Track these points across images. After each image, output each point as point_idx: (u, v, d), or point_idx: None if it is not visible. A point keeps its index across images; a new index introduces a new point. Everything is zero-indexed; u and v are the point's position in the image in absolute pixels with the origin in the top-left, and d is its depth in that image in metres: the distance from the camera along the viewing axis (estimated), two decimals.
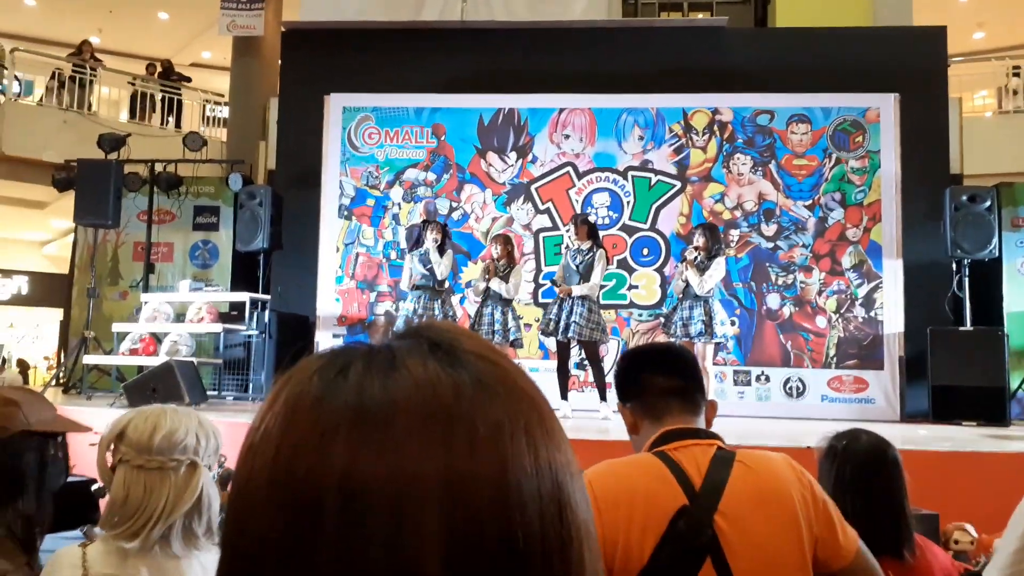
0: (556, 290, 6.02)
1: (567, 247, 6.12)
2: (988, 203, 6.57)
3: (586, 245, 5.88)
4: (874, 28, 7.82)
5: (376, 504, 0.37)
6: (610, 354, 6.69)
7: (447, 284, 6.21)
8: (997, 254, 6.73)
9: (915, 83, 7.14)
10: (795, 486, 1.31)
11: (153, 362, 6.19)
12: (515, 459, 0.40)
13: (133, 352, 6.60)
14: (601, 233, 6.31)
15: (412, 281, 6.10)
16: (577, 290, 5.74)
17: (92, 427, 1.63)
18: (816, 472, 1.71)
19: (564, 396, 5.81)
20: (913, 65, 7.27)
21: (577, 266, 5.83)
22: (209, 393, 6.24)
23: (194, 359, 6.31)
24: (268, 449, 0.41)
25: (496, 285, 5.87)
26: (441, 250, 5.99)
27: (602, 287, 6.12)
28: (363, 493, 0.38)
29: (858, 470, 1.69)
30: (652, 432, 1.38)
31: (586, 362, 6.14)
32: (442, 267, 5.95)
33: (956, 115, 7.92)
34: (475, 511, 0.38)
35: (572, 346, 5.90)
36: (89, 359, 6.99)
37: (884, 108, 7.03)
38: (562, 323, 5.72)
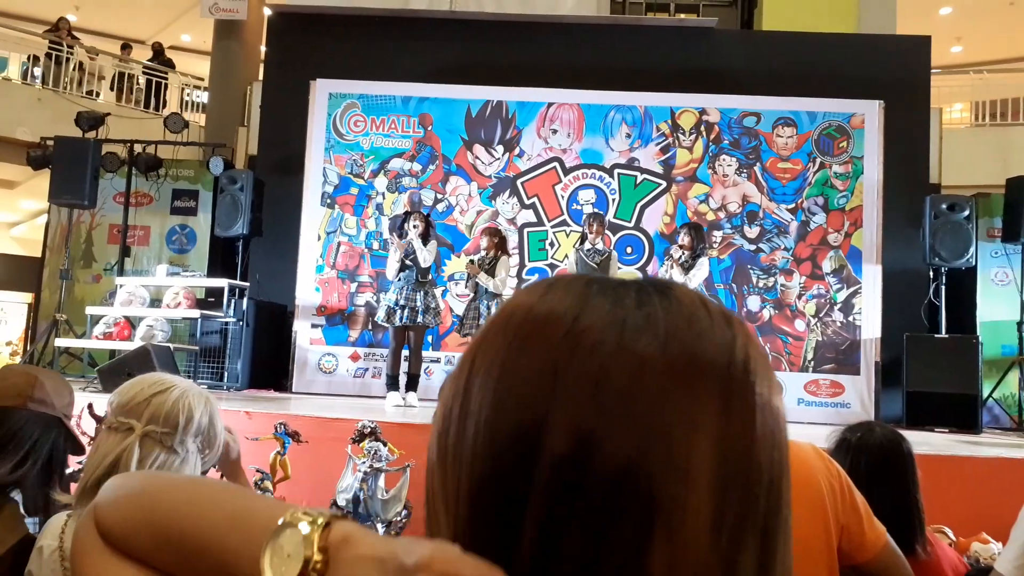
0: None
1: (577, 246, 6.11)
2: (967, 212, 6.66)
3: (601, 245, 5.93)
4: (859, 35, 7.90)
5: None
6: None
7: (430, 275, 6.15)
8: (974, 263, 6.84)
9: (898, 91, 7.22)
10: (823, 474, 1.29)
11: (127, 347, 6.06)
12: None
13: (107, 336, 6.46)
14: None
15: (396, 271, 6.03)
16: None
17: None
18: None
19: None
20: (897, 73, 7.35)
21: (596, 264, 5.86)
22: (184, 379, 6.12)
23: (170, 345, 6.20)
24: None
25: (483, 280, 5.86)
26: (424, 240, 5.93)
27: None
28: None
29: (873, 463, 1.67)
30: None
31: None
32: (425, 254, 5.89)
33: (936, 125, 8.03)
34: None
35: None
36: (61, 342, 6.83)
37: (869, 114, 7.11)
38: None
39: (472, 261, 6.04)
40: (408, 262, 5.90)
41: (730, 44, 7.90)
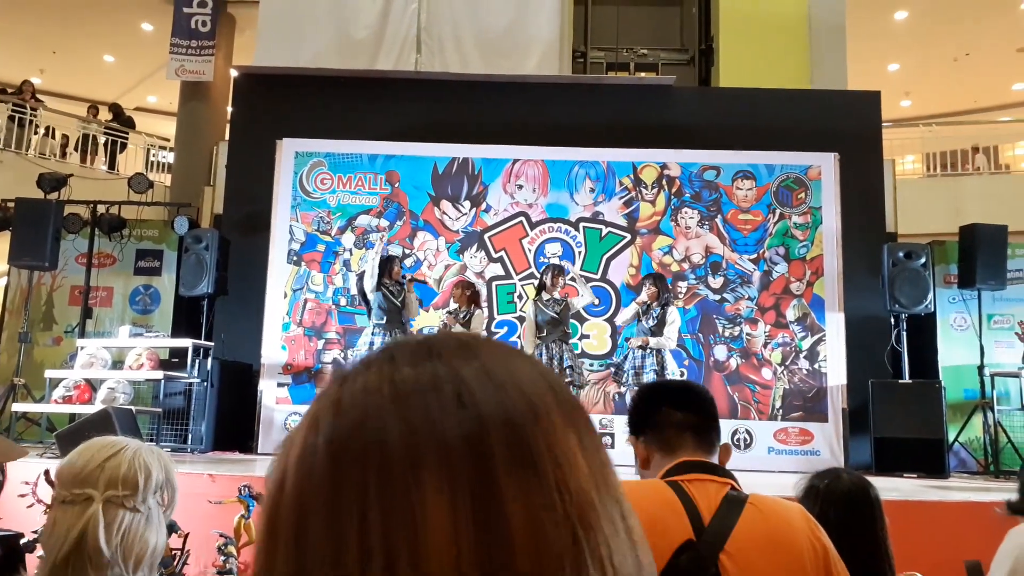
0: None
1: (536, 297, 6.25)
2: (923, 260, 6.84)
3: (559, 295, 6.08)
4: (813, 91, 8.19)
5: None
6: None
7: (409, 325, 6.22)
8: (933, 309, 6.99)
9: (852, 144, 7.46)
10: (807, 536, 1.29)
11: (87, 410, 5.91)
12: None
13: (67, 400, 6.30)
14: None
15: (373, 317, 6.10)
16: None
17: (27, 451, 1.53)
18: None
19: None
20: (850, 126, 7.60)
21: (556, 314, 6.00)
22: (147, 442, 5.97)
23: (132, 407, 6.06)
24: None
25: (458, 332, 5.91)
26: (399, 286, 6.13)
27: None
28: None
29: (842, 509, 1.68)
30: (664, 465, 1.36)
31: None
32: (412, 304, 6.09)
33: (890, 176, 8.29)
34: None
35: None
36: (18, 407, 6.64)
37: (825, 166, 7.31)
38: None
39: (449, 313, 6.06)
40: (386, 306, 5.97)
41: (689, 101, 8.13)
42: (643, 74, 9.20)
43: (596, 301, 6.60)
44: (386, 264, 6.22)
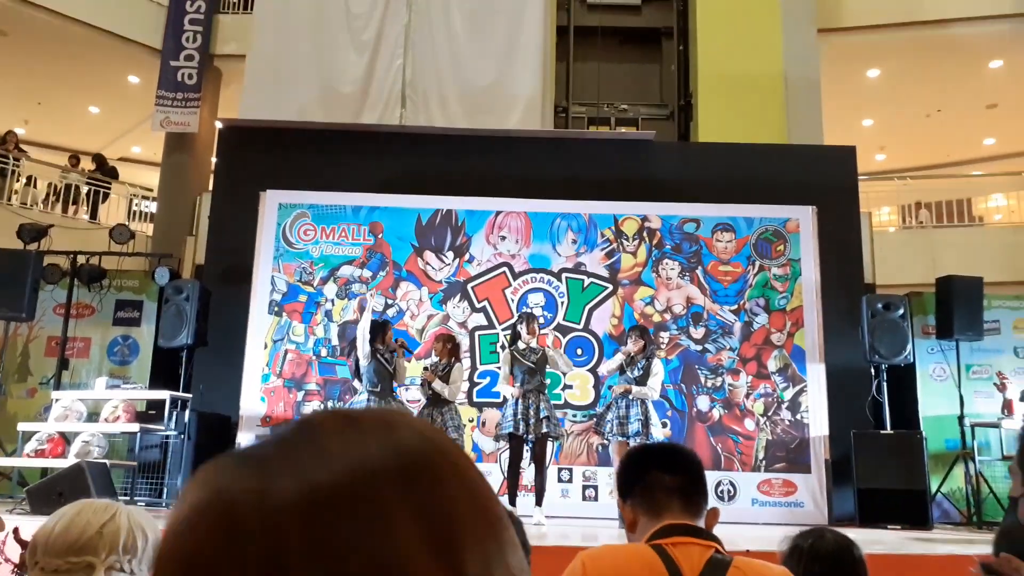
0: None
1: (511, 347, 6.20)
2: (901, 311, 6.92)
3: (535, 343, 6.06)
4: (789, 145, 8.36)
5: None
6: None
7: (395, 392, 6.29)
8: (912, 360, 7.05)
9: (829, 197, 7.59)
10: None
11: (60, 464, 5.78)
12: None
13: (39, 454, 6.16)
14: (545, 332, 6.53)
15: (365, 383, 6.06)
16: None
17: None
18: None
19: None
20: (827, 180, 7.75)
21: (533, 364, 5.96)
22: (120, 498, 5.85)
23: (106, 461, 5.94)
24: None
25: (438, 387, 5.90)
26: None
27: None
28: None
29: (827, 570, 1.67)
30: (649, 528, 1.36)
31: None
32: (401, 370, 6.12)
33: (867, 228, 8.44)
34: None
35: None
36: None
37: (803, 219, 7.43)
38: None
39: (427, 368, 6.07)
40: (379, 372, 6.00)
41: (668, 155, 8.28)
42: (624, 129, 9.37)
43: (567, 372, 6.55)
44: (378, 329, 6.19)
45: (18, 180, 10.55)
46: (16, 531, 2.50)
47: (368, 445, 0.37)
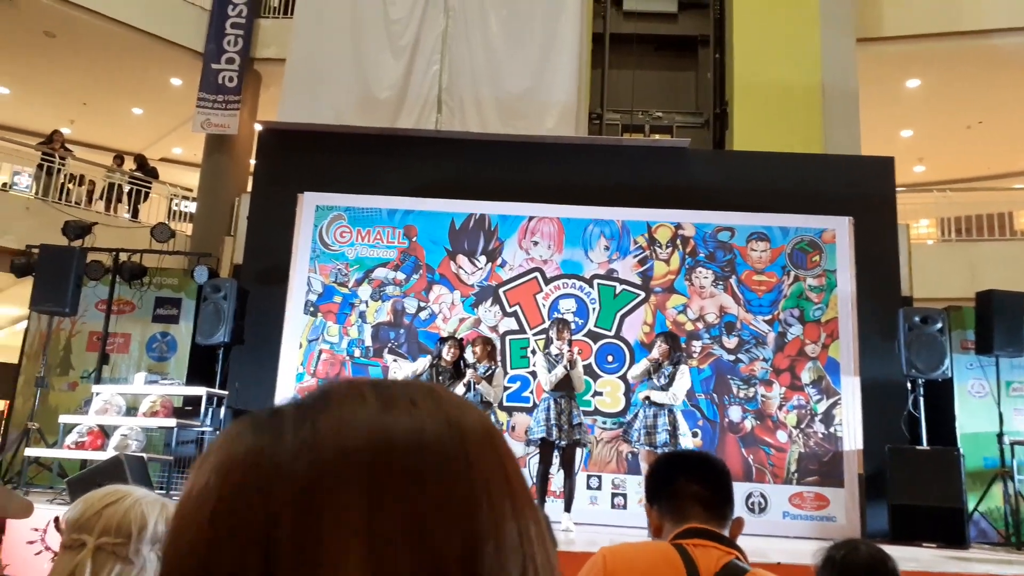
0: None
1: (544, 350, 6.24)
2: (940, 325, 6.80)
3: (566, 349, 6.03)
4: (826, 155, 8.28)
5: None
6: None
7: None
8: (950, 375, 6.93)
9: (866, 208, 7.50)
10: None
11: (99, 457, 5.91)
12: None
13: (79, 446, 6.30)
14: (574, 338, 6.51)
15: None
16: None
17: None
18: None
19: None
20: (864, 191, 7.66)
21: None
22: (157, 491, 5.95)
23: (144, 455, 6.06)
24: None
25: (484, 389, 5.94)
26: (458, 369, 6.11)
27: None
28: None
29: None
30: (673, 532, 1.38)
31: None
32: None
33: (905, 240, 8.32)
34: None
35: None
36: (31, 451, 6.66)
37: (839, 230, 7.35)
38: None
39: (474, 369, 6.08)
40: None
41: (703, 163, 8.24)
42: (658, 136, 9.35)
43: (578, 390, 6.51)
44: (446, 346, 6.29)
45: (64, 179, 10.80)
46: (56, 520, 2.58)
47: (396, 417, 0.39)
